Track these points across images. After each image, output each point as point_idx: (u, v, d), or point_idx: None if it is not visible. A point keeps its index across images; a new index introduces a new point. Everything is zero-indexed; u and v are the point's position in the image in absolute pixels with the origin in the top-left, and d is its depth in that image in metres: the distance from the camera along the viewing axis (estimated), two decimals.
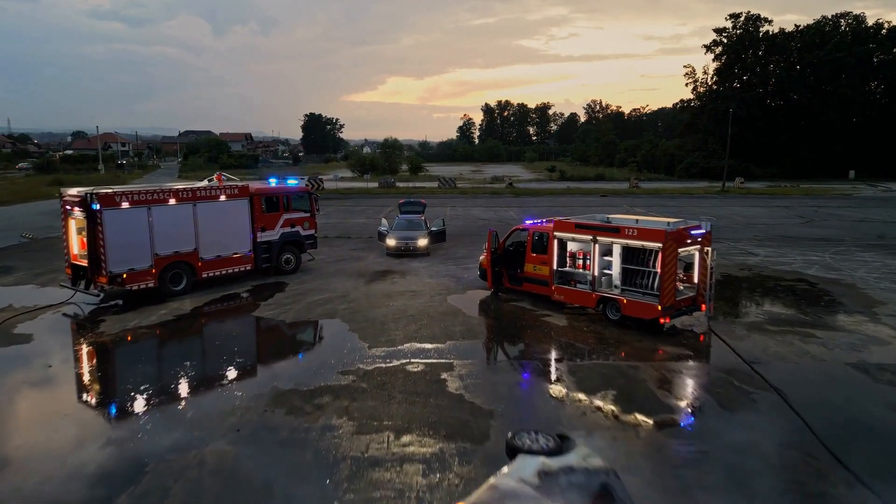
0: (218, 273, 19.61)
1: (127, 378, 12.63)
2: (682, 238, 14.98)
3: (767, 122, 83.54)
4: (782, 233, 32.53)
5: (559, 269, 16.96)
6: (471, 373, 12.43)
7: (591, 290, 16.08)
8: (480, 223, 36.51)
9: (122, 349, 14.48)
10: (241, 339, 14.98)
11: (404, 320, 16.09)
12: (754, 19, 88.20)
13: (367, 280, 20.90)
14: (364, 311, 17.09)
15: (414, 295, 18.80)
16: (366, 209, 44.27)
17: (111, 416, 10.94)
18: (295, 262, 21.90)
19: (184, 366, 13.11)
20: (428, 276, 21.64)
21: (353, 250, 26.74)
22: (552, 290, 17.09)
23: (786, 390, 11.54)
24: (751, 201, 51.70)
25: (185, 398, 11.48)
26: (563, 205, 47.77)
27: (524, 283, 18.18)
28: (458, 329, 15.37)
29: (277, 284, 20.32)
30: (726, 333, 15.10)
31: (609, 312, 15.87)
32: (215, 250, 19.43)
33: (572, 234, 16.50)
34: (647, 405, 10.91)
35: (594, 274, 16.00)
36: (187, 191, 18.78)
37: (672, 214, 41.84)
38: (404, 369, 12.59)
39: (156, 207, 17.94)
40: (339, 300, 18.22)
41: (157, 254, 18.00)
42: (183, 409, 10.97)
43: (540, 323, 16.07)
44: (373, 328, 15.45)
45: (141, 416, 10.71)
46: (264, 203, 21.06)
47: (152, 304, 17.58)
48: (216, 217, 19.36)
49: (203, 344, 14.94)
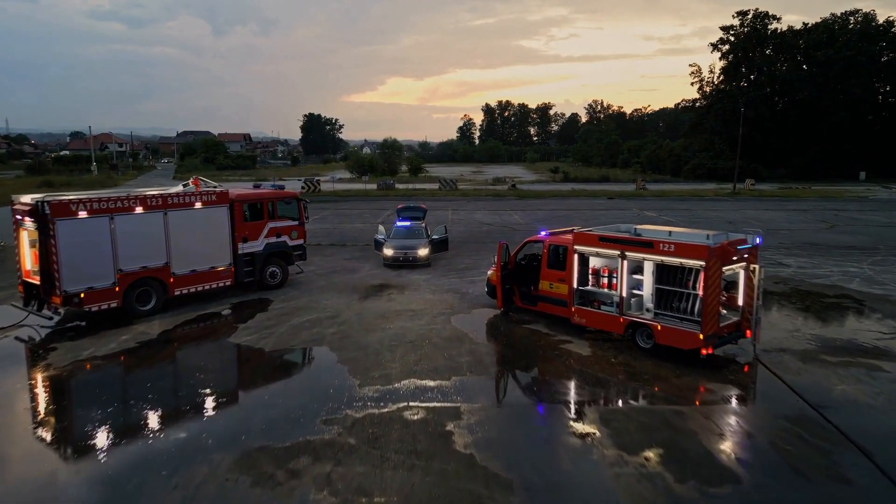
0: (193, 290, 17.42)
1: (57, 428, 10.43)
2: (727, 255, 12.81)
3: (776, 122, 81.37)
4: (808, 239, 30.35)
5: (580, 288, 14.79)
6: (481, 422, 10.26)
7: (619, 314, 13.91)
8: (484, 228, 34.38)
9: (65, 386, 12.26)
10: (210, 374, 12.74)
11: (402, 348, 13.92)
12: (762, 17, 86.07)
13: (362, 296, 18.73)
14: (356, 335, 14.92)
15: (413, 315, 16.62)
16: (363, 212, 42.12)
17: (16, 482, 8.75)
18: (281, 276, 19.71)
19: (133, 412, 10.89)
20: (429, 290, 19.47)
21: (348, 260, 24.56)
22: (571, 312, 14.92)
23: (871, 447, 9.38)
24: (764, 204, 49.54)
25: (122, 459, 9.14)
26: (569, 208, 45.67)
27: (539, 303, 16.00)
28: (464, 360, 13.20)
29: (260, 302, 18.15)
30: (778, 366, 12.93)
31: (639, 339, 13.71)
32: (190, 264, 17.24)
33: (596, 249, 14.31)
34: (704, 471, 8.74)
35: (622, 295, 13.82)
36: (157, 198, 16.57)
37: (685, 218, 39.82)
38: (401, 417, 10.42)
39: (120, 217, 15.76)
40: (329, 322, 16.05)
41: (120, 269, 15.82)
42: (117, 474, 8.70)
43: (559, 351, 13.89)
44: (365, 359, 13.28)
45: (60, 484, 8.52)
46: (246, 210, 18.87)
47: (117, 327, 15.41)
48: (191, 227, 17.17)
49: (163, 381, 12.55)
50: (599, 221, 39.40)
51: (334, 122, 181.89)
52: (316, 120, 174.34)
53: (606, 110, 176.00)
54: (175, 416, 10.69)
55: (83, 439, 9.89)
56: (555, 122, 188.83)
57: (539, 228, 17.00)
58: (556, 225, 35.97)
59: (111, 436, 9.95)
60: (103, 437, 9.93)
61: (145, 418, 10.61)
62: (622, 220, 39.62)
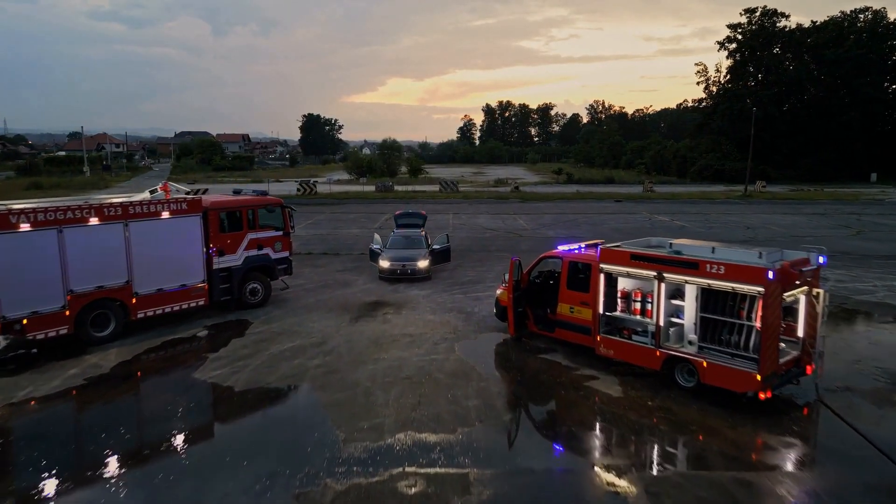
0: (160, 311, 15.25)
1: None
2: (790, 278, 10.65)
3: (784, 122, 79.20)
4: (838, 247, 28.15)
5: (607, 314, 12.62)
6: (497, 497, 8.10)
7: (655, 346, 11.74)
8: (487, 234, 32.21)
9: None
10: (162, 426, 10.36)
11: (398, 387, 11.75)
12: (770, 14, 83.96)
13: (353, 317, 16.55)
14: (344, 369, 12.74)
15: (411, 341, 14.45)
16: (359, 217, 39.97)
17: None
18: (263, 293, 17.52)
19: (55, 480, 8.73)
20: (429, 309, 17.29)
21: (341, 272, 22.38)
22: (597, 342, 12.74)
23: None
24: (780, 207, 47.36)
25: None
26: (576, 211, 43.54)
27: (557, 329, 13.83)
28: (472, 404, 11.02)
29: (238, 324, 15.97)
30: (849, 412, 10.77)
31: (680, 377, 11.54)
32: (156, 282, 15.08)
33: (626, 268, 12.12)
34: None
35: (658, 323, 11.66)
36: (116, 207, 14.38)
37: (699, 223, 37.48)
38: (395, 489, 8.25)
39: (70, 229, 13.58)
40: (314, 350, 13.87)
41: (72, 290, 13.65)
42: None
43: (584, 391, 11.71)
44: (353, 402, 11.11)
45: None
46: (223, 220, 16.71)
47: (67, 358, 13.25)
48: (157, 239, 14.99)
49: (107, 433, 9.94)
50: (609, 226, 37.39)
51: (334, 122, 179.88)
52: (315, 120, 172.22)
53: (608, 111, 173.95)
54: (102, 492, 8.47)
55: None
56: (556, 122, 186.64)
57: (556, 242, 14.78)
58: (564, 230, 33.89)
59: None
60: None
61: (69, 491, 8.41)
62: (633, 224, 37.64)
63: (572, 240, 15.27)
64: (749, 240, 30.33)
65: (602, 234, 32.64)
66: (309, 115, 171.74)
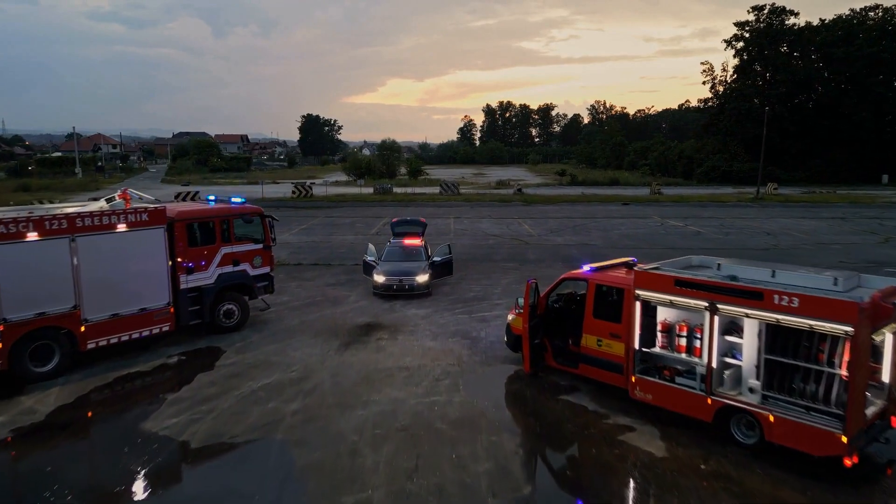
0: (116, 340, 13.09)
1: None
2: (881, 313, 8.50)
3: (793, 122, 77.04)
4: (869, 257, 26.06)
5: (643, 350, 10.48)
6: None
7: (705, 392, 9.60)
8: (491, 241, 30.05)
9: None
10: (90, 498, 8.30)
11: (390, 442, 9.60)
12: (779, 12, 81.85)
13: (342, 343, 14.41)
14: (327, 415, 10.60)
15: (408, 377, 12.31)
16: (356, 221, 37.82)
17: None
18: (239, 315, 15.36)
19: None
20: (429, 334, 15.15)
21: (331, 286, 20.22)
22: (631, 383, 10.60)
23: None
24: (795, 211, 45.20)
25: None
26: (583, 215, 41.39)
27: (581, 364, 11.67)
28: (482, 468, 8.88)
29: (208, 353, 13.83)
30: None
31: (737, 431, 9.40)
32: (111, 306, 12.92)
33: (668, 296, 9.96)
34: None
35: (710, 364, 9.52)
36: (60, 219, 12.22)
37: (715, 228, 34.91)
38: None
39: (4, 246, 11.45)
40: (293, 389, 11.73)
41: (5, 319, 11.51)
42: None
43: (618, 449, 9.56)
44: (334, 465, 8.96)
45: None
46: (195, 232, 14.55)
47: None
48: (112, 256, 12.84)
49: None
50: (619, 231, 35.09)
51: (333, 122, 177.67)
52: (314, 121, 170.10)
53: (609, 111, 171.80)
54: None
55: None
56: (556, 123, 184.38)
57: (581, 262, 12.58)
58: (571, 236, 31.70)
59: None
60: None
61: None
62: (646, 230, 35.25)
63: (590, 258, 13.15)
64: (771, 248, 28.21)
65: (613, 240, 30.52)
66: (308, 116, 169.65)
